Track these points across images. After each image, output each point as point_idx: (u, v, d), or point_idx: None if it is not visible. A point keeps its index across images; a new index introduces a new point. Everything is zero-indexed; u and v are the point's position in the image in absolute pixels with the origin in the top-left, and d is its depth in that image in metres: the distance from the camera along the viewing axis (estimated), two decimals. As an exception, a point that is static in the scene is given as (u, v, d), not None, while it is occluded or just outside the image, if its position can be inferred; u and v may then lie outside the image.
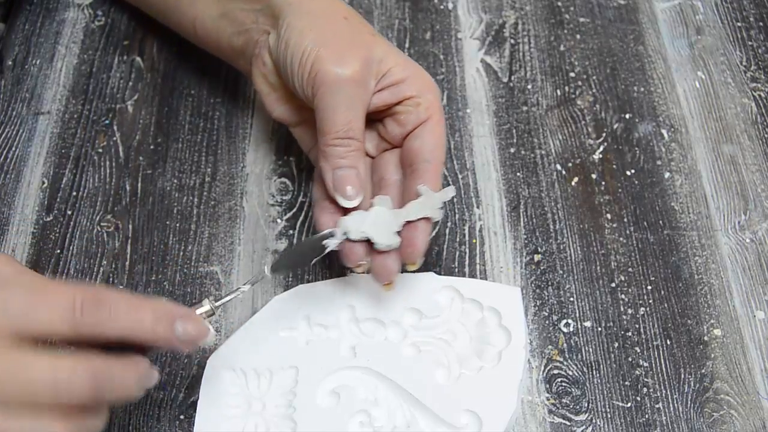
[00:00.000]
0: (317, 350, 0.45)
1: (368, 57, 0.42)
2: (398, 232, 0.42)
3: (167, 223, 0.52)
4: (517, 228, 0.51)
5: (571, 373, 0.46)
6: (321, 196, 0.44)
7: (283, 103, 0.47)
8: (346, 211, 0.42)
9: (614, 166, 0.54)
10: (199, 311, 0.38)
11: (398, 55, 0.44)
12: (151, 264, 0.50)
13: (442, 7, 0.62)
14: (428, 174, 0.42)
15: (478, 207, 0.52)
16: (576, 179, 0.53)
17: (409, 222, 0.42)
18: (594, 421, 0.44)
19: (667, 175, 0.53)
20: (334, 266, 0.49)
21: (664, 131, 0.55)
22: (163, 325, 0.35)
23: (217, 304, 0.39)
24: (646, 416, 0.44)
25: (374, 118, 0.45)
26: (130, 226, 0.51)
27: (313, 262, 0.43)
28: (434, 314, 0.46)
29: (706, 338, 0.47)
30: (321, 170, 0.43)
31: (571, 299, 0.48)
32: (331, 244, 0.41)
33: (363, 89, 0.42)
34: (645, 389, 0.45)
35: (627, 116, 0.56)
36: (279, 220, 0.52)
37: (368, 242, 0.42)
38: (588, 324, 0.47)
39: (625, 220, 0.51)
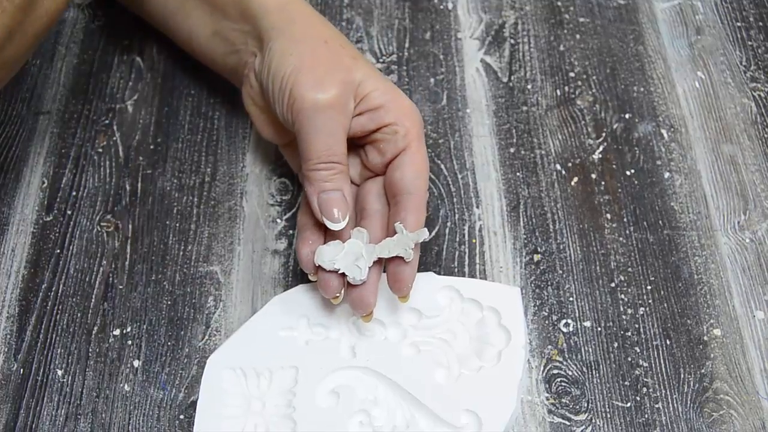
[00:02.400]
0: (317, 350, 0.45)
1: (347, 80, 0.43)
2: (370, 268, 0.42)
3: (167, 222, 0.52)
4: (516, 228, 0.51)
5: (570, 373, 0.46)
6: (304, 225, 0.44)
7: (271, 124, 0.47)
8: (325, 241, 0.43)
9: (614, 166, 0.54)
10: None
11: (379, 80, 0.44)
12: (150, 264, 0.50)
13: (441, 7, 0.62)
14: (410, 205, 0.43)
15: (477, 207, 0.52)
16: (576, 179, 0.53)
17: (382, 259, 0.42)
18: (594, 421, 0.44)
19: (666, 175, 0.53)
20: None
21: (663, 131, 0.55)
22: None
23: None
24: (646, 416, 0.44)
25: (356, 144, 0.45)
26: (130, 226, 0.51)
27: None
28: (434, 314, 0.46)
29: (705, 338, 0.47)
30: (306, 195, 0.43)
31: (571, 299, 0.48)
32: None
33: (342, 114, 0.42)
34: (645, 389, 0.45)
35: (627, 116, 0.56)
36: (279, 220, 0.52)
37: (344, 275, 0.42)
38: (587, 324, 0.47)
39: (625, 220, 0.51)
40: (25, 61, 0.43)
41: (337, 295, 0.43)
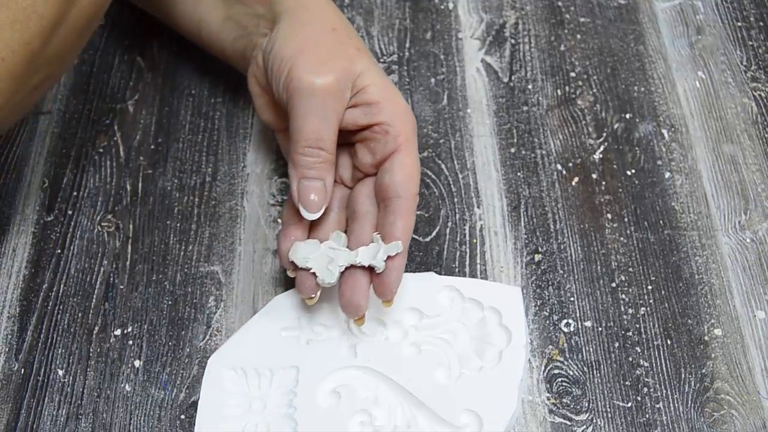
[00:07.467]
0: (318, 350, 0.45)
1: (347, 69, 0.42)
2: (348, 271, 0.42)
3: (168, 222, 0.52)
4: (517, 228, 0.51)
5: (571, 372, 0.46)
6: (289, 219, 0.44)
7: (271, 107, 0.47)
8: (306, 237, 0.43)
9: (615, 166, 0.54)
10: None
11: (378, 76, 0.44)
12: (151, 264, 0.50)
13: (442, 7, 0.62)
14: (399, 209, 0.42)
15: (478, 207, 0.52)
16: (576, 179, 0.53)
17: (354, 266, 0.42)
18: (594, 420, 0.44)
19: (667, 174, 0.53)
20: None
21: (664, 131, 0.55)
22: None
23: None
24: (647, 416, 0.44)
25: (347, 142, 0.45)
26: (131, 226, 0.51)
27: None
28: (435, 314, 0.46)
29: (706, 338, 0.47)
30: (289, 178, 0.43)
31: (572, 299, 0.48)
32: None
33: (337, 101, 0.42)
34: (645, 389, 0.45)
35: (627, 116, 0.56)
36: (280, 221, 0.52)
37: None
38: (588, 324, 0.47)
39: (626, 219, 0.51)
40: (73, 59, 0.41)
41: (312, 296, 0.43)
